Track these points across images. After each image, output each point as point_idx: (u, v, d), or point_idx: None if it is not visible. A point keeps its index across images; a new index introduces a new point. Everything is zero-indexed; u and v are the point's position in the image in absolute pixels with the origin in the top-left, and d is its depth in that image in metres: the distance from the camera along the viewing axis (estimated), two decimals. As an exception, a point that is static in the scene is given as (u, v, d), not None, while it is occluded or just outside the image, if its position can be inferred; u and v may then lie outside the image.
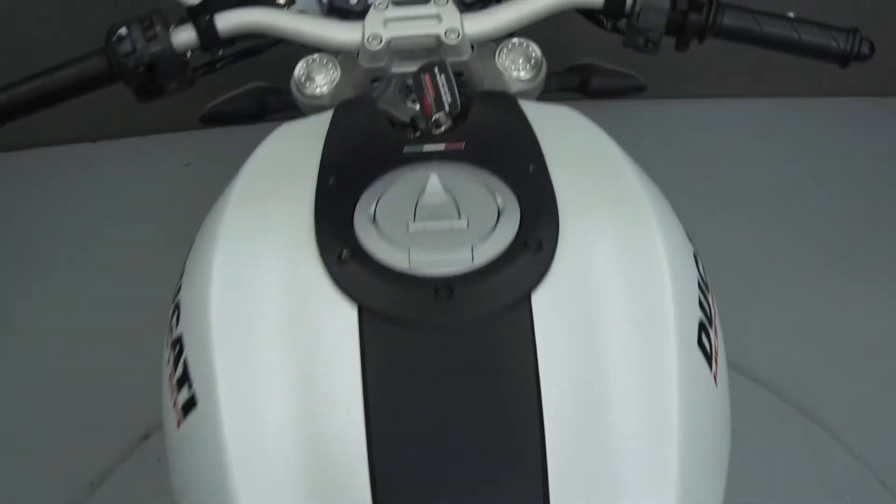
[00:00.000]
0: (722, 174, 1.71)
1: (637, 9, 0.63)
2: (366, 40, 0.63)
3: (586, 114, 0.59)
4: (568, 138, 0.57)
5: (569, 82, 0.78)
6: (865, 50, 0.63)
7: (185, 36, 0.64)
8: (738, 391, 0.55)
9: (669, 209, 0.55)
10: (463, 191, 0.50)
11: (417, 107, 0.66)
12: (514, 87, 0.73)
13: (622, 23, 0.67)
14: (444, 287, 0.44)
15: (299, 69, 0.74)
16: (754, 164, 1.75)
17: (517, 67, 0.74)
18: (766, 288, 1.52)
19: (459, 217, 0.48)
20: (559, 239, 0.47)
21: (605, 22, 0.68)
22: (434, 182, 0.49)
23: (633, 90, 0.68)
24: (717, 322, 0.52)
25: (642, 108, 1.68)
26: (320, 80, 0.73)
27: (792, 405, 1.38)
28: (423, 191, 0.49)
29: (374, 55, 0.64)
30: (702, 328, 0.49)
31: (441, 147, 0.54)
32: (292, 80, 0.74)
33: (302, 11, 0.71)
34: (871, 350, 1.45)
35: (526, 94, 0.73)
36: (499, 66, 0.74)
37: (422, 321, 0.44)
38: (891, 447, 1.32)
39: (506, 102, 0.61)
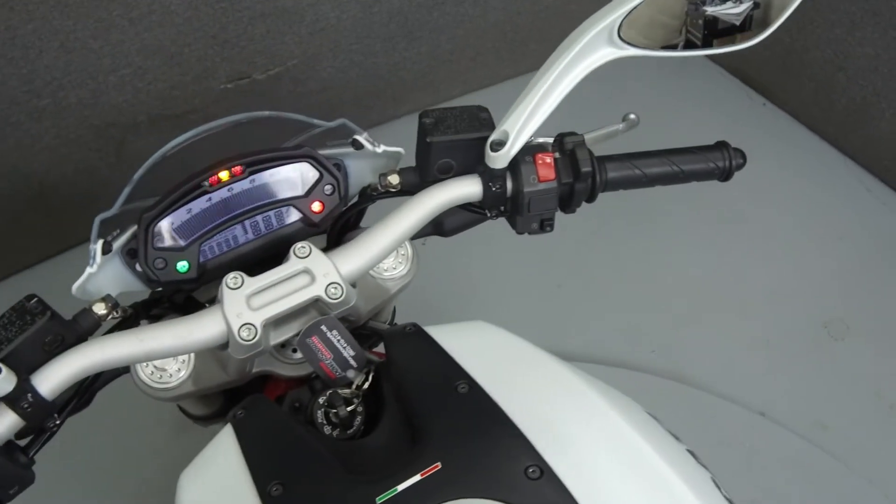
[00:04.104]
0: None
1: (525, 200, 0.58)
2: (236, 334, 0.51)
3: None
4: (521, 380, 0.54)
5: (423, 230, 0.70)
6: (740, 160, 0.62)
7: (2, 425, 0.48)
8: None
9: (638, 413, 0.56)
10: None
11: (298, 355, 0.59)
12: (394, 288, 0.67)
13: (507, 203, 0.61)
14: None
15: (141, 372, 0.60)
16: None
17: (389, 267, 0.67)
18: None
19: None
20: None
21: (487, 213, 0.63)
22: None
23: (486, 217, 0.63)
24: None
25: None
26: (172, 367, 0.61)
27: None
28: None
29: (250, 347, 0.52)
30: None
31: (417, 478, 0.46)
32: (137, 383, 0.60)
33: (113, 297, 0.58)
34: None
35: (406, 286, 0.68)
36: (372, 273, 0.67)
37: None
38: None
39: (421, 344, 0.56)
